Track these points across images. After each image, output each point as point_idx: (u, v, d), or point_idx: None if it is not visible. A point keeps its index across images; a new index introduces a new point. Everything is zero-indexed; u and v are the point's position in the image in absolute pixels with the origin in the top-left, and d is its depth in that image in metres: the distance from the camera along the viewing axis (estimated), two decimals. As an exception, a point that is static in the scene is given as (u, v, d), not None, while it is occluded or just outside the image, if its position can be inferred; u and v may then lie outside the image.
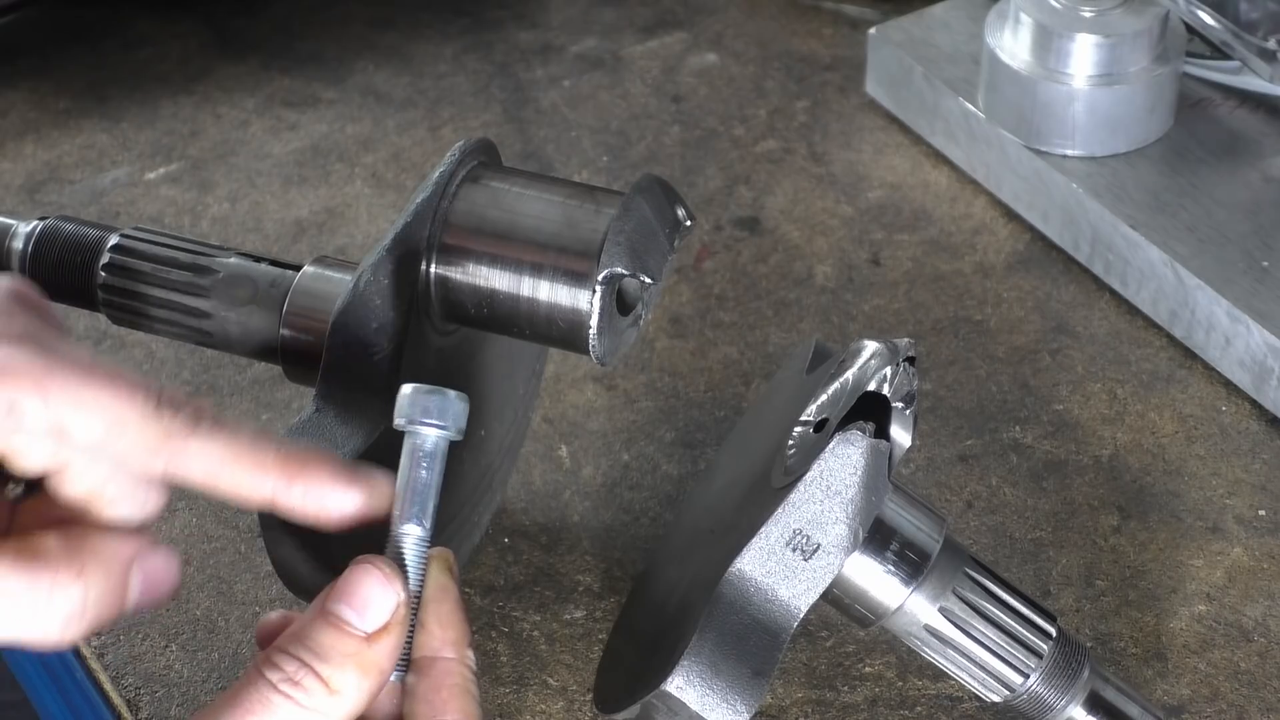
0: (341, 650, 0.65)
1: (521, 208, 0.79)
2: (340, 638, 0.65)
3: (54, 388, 0.66)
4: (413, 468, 0.67)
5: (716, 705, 0.71)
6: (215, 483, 0.67)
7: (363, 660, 0.65)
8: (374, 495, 0.68)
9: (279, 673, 0.64)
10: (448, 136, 1.18)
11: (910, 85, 1.15)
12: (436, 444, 0.68)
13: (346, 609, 0.66)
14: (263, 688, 0.64)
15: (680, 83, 1.22)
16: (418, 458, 0.67)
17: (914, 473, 0.96)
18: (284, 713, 0.64)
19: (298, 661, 0.64)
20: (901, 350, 0.74)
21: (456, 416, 0.68)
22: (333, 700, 0.64)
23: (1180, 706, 0.86)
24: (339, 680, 0.65)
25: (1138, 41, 1.06)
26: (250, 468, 0.67)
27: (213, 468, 0.67)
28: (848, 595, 0.76)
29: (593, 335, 0.77)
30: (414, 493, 0.67)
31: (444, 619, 0.68)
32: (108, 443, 0.67)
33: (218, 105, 1.21)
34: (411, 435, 0.68)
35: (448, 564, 0.68)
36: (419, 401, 0.67)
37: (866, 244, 1.10)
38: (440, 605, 0.68)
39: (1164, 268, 1.02)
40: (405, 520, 0.67)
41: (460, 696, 0.67)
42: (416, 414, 0.67)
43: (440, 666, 0.67)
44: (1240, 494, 0.95)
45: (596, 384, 1.01)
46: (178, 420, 0.67)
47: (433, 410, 0.67)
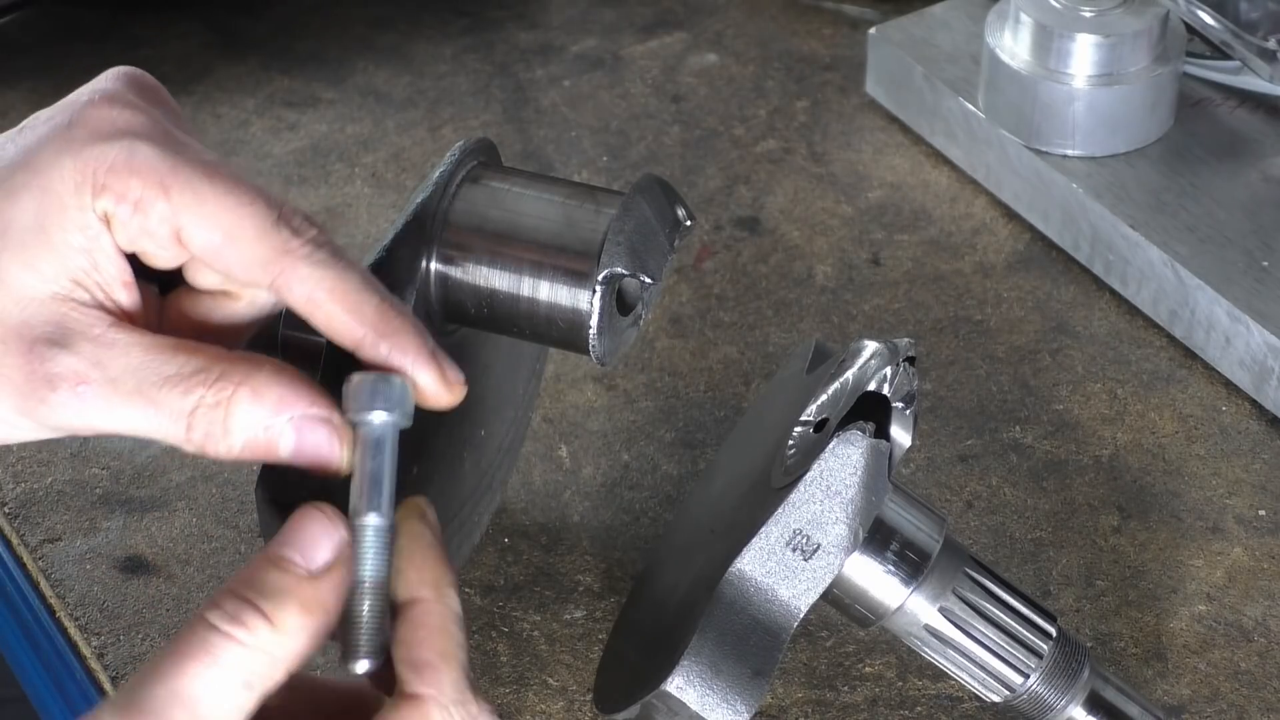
0: (283, 586, 0.63)
1: (521, 208, 0.79)
2: (282, 575, 0.63)
3: (176, 188, 0.66)
4: (364, 457, 0.66)
5: (716, 705, 0.71)
6: (311, 311, 0.67)
7: (305, 596, 0.63)
8: (451, 388, 0.68)
9: (219, 612, 0.62)
10: (448, 136, 1.18)
11: (910, 85, 1.15)
12: (385, 430, 0.67)
13: (289, 549, 0.64)
14: (203, 631, 0.62)
15: (680, 83, 1.22)
16: (368, 446, 0.67)
17: (914, 473, 0.96)
18: (227, 655, 0.62)
19: (239, 599, 0.62)
20: (901, 350, 0.74)
21: (402, 401, 0.67)
22: (276, 637, 0.62)
23: (1180, 706, 0.86)
24: (282, 616, 0.62)
25: (1138, 41, 1.06)
26: (350, 312, 0.67)
27: (315, 296, 0.67)
28: (848, 595, 0.76)
29: (593, 335, 0.77)
30: (368, 482, 0.66)
31: (418, 561, 0.66)
32: (223, 250, 0.67)
33: (218, 105, 1.21)
34: (360, 425, 0.67)
35: (420, 510, 0.67)
36: (364, 390, 0.67)
37: (866, 244, 1.10)
38: (413, 549, 0.66)
39: (1164, 268, 1.02)
40: (363, 511, 0.66)
41: (438, 635, 0.65)
42: (363, 403, 0.67)
43: (418, 607, 0.65)
44: (1240, 494, 0.95)
45: (596, 384, 1.01)
46: (295, 240, 0.67)
47: (379, 397, 0.66)
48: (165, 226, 0.67)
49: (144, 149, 0.67)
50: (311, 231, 0.67)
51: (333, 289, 0.67)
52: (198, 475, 0.96)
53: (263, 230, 0.67)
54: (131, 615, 0.90)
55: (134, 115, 0.68)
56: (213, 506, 0.95)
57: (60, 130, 0.68)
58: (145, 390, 0.66)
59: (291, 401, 0.66)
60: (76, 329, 0.67)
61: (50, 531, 0.94)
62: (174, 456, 0.97)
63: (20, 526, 0.94)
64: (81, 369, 0.66)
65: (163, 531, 0.94)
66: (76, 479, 0.96)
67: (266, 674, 0.62)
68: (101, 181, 0.66)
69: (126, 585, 0.91)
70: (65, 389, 0.66)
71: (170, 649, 0.62)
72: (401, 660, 0.65)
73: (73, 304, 0.67)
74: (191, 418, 0.66)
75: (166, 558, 0.92)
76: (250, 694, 0.62)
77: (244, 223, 0.67)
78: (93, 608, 0.90)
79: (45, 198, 0.67)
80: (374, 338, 0.67)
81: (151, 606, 0.90)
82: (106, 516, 0.94)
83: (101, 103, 0.69)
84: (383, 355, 0.68)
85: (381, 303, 0.68)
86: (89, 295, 0.68)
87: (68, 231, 0.67)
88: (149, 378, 0.66)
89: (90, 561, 0.92)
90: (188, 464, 0.97)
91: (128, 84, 0.71)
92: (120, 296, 0.68)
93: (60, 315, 0.67)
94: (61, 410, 0.67)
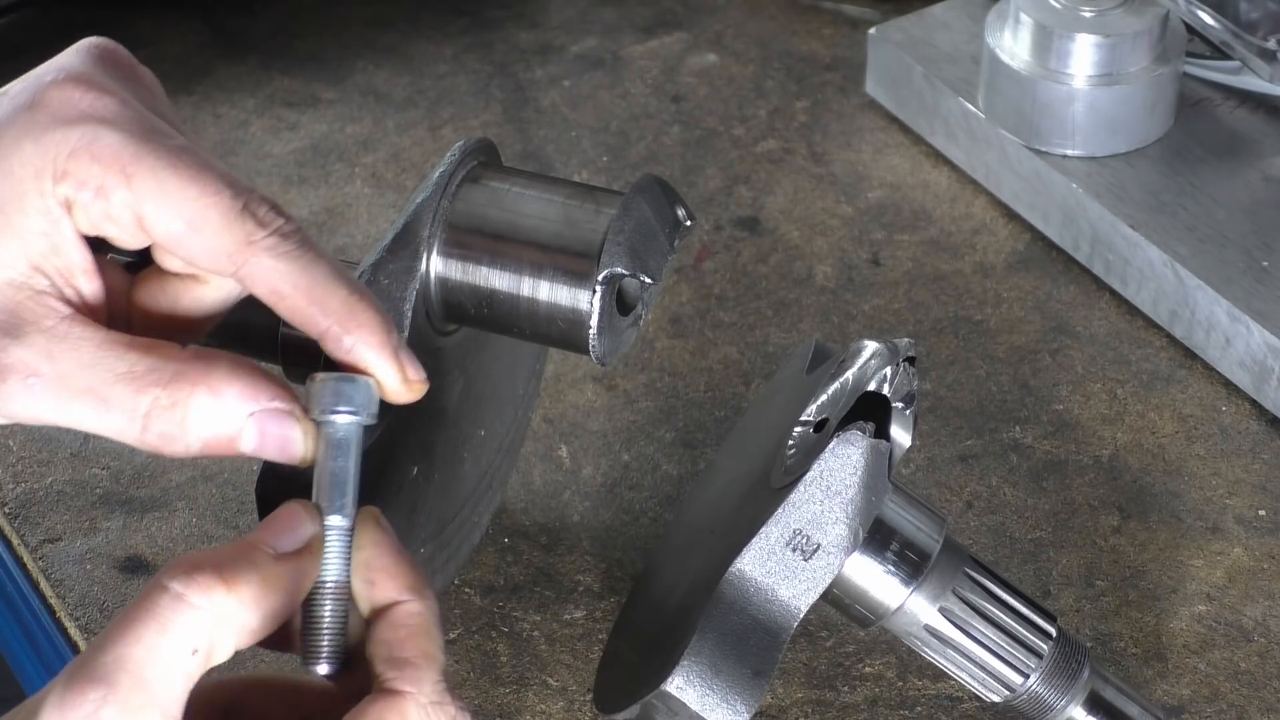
0: (248, 558, 0.62)
1: (521, 208, 0.79)
2: (249, 550, 0.63)
3: (139, 176, 0.65)
4: (328, 458, 0.66)
5: (716, 705, 0.71)
6: (275, 303, 0.66)
7: (267, 573, 0.62)
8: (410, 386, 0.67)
9: (174, 571, 0.61)
10: (448, 136, 1.18)
11: (910, 85, 1.15)
12: (349, 431, 0.66)
13: (261, 533, 0.64)
14: (156, 594, 0.61)
15: (680, 83, 1.22)
16: (332, 447, 0.66)
17: (914, 473, 0.96)
18: (175, 618, 0.60)
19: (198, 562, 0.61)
20: (901, 350, 0.74)
21: (366, 401, 0.66)
22: (231, 601, 0.61)
23: (1180, 706, 0.86)
24: (239, 585, 0.61)
25: (1138, 41, 1.06)
26: (314, 304, 0.66)
27: (279, 288, 0.66)
28: (848, 595, 0.76)
29: (593, 335, 0.77)
30: (332, 483, 0.66)
31: (388, 568, 0.66)
32: (185, 239, 0.66)
33: (218, 105, 1.21)
34: (324, 425, 0.66)
35: (375, 518, 0.67)
36: (327, 390, 0.66)
37: (866, 244, 1.10)
38: (380, 557, 0.66)
39: (1164, 268, 1.02)
40: (326, 512, 0.66)
41: (418, 636, 0.65)
42: (326, 403, 0.66)
43: (397, 609, 0.65)
44: (1240, 494, 0.95)
45: (596, 384, 1.01)
46: (259, 231, 0.66)
47: (341, 397, 0.66)
48: (127, 212, 0.65)
49: (107, 135, 0.65)
50: (277, 222, 0.66)
51: (296, 282, 0.66)
52: (198, 475, 0.96)
53: (227, 220, 0.65)
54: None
55: (99, 98, 0.67)
56: (213, 506, 0.95)
57: (22, 112, 0.66)
58: (96, 388, 0.65)
59: (251, 397, 0.66)
60: (30, 319, 0.66)
61: (50, 531, 0.94)
62: (174, 456, 0.97)
63: (20, 526, 0.94)
64: (32, 362, 0.65)
65: (163, 531, 0.94)
66: (76, 479, 0.96)
67: (216, 641, 0.61)
68: (62, 167, 0.65)
69: (126, 585, 0.91)
70: (15, 380, 0.65)
71: (124, 614, 0.61)
72: (382, 659, 0.64)
73: (30, 291, 0.66)
74: (147, 418, 0.65)
75: (166, 558, 0.92)
76: (197, 659, 0.61)
77: (208, 212, 0.65)
78: (93, 608, 0.90)
79: (5, 182, 0.66)
80: (337, 331, 0.66)
81: (151, 606, 0.90)
82: (106, 516, 0.94)
83: (66, 83, 0.67)
84: (345, 348, 0.67)
85: (349, 296, 0.67)
86: (48, 282, 0.66)
87: (28, 216, 0.66)
88: (101, 375, 0.65)
89: (90, 561, 0.92)
90: (188, 464, 0.97)
91: (96, 60, 0.69)
92: (81, 284, 0.67)
93: (15, 304, 0.66)
94: (11, 401, 0.66)
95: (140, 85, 0.70)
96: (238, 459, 0.97)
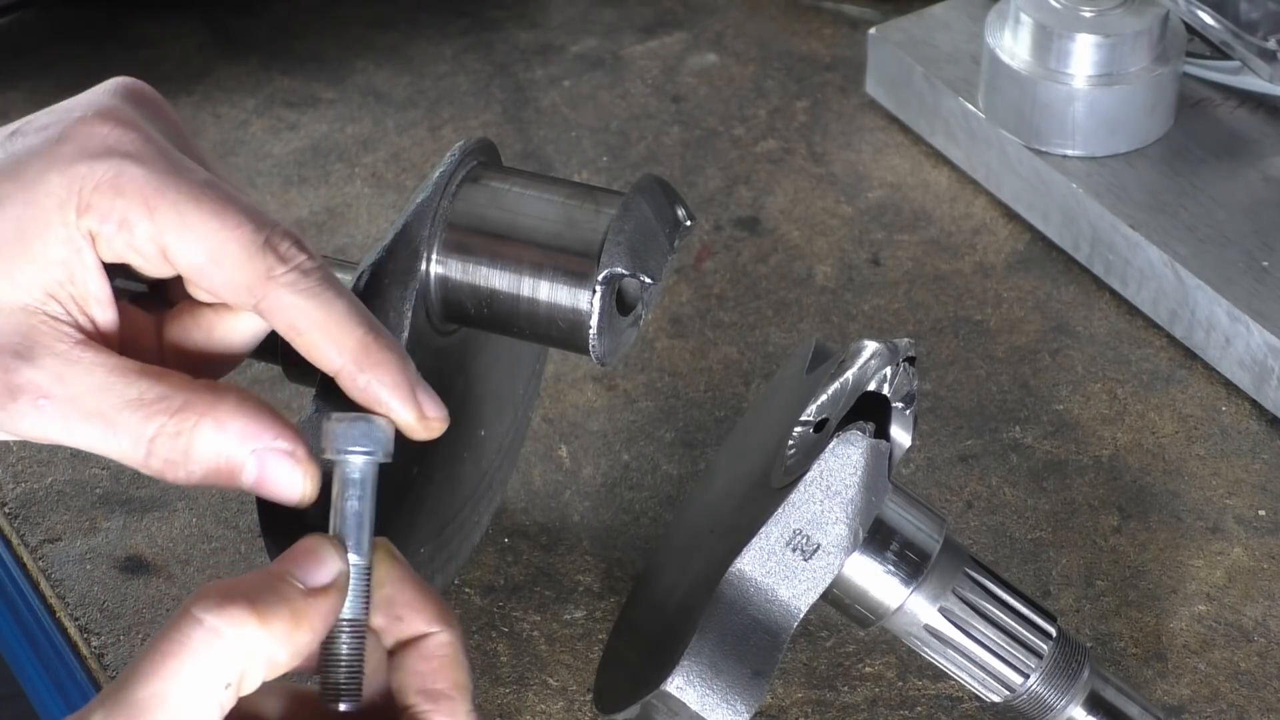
0: (277, 592, 0.63)
1: (521, 208, 0.79)
2: (278, 584, 0.63)
3: (161, 209, 0.66)
4: (343, 498, 0.66)
5: (716, 705, 0.71)
6: (294, 338, 0.67)
7: (296, 608, 0.63)
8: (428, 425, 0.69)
9: (205, 603, 0.61)
10: (448, 136, 1.18)
11: (910, 85, 1.15)
12: (364, 470, 0.66)
13: (289, 565, 0.64)
14: (186, 625, 0.61)
15: (680, 83, 1.22)
16: (347, 486, 0.66)
17: (914, 473, 0.96)
18: (208, 651, 0.61)
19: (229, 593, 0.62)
20: (901, 350, 0.74)
21: (381, 440, 0.67)
22: (262, 634, 0.62)
23: (1180, 706, 0.86)
24: (270, 618, 0.62)
25: (1138, 41, 1.06)
26: (330, 341, 0.67)
27: (296, 324, 0.67)
28: (848, 595, 0.76)
29: (593, 335, 0.77)
30: (346, 522, 0.66)
31: (413, 602, 0.66)
32: (207, 271, 0.67)
33: (218, 105, 1.21)
34: (339, 465, 0.66)
35: (390, 551, 0.67)
36: (341, 431, 0.66)
37: (866, 244, 1.10)
38: (404, 592, 0.67)
39: (1164, 268, 1.02)
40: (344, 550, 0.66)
41: (450, 666, 0.66)
42: (340, 444, 0.66)
43: (428, 640, 0.66)
44: (1240, 494, 0.95)
45: (596, 384, 1.01)
46: (280, 266, 0.67)
47: (356, 436, 0.66)
48: (151, 244, 0.67)
49: (131, 169, 0.67)
50: (299, 258, 0.67)
51: (314, 319, 0.67)
52: (198, 475, 0.96)
53: (247, 254, 0.67)
54: (131, 615, 0.90)
55: (125, 133, 0.68)
56: (213, 506, 0.95)
57: (50, 144, 0.68)
58: (105, 412, 0.66)
59: (255, 433, 0.67)
60: (43, 342, 0.67)
61: (50, 531, 0.94)
62: (174, 456, 0.97)
63: (20, 526, 0.94)
64: (43, 383, 0.66)
65: (163, 531, 0.94)
66: (76, 479, 0.96)
67: (246, 673, 0.62)
68: (87, 200, 0.66)
69: (126, 585, 0.91)
70: (26, 400, 0.67)
71: (154, 643, 0.61)
72: (414, 690, 0.66)
73: (43, 317, 0.67)
74: (152, 444, 0.66)
75: (166, 558, 0.92)
76: (229, 692, 0.62)
77: (228, 246, 0.66)
78: (93, 608, 0.90)
79: (29, 211, 0.67)
80: (353, 369, 0.68)
81: (151, 606, 0.90)
82: (106, 516, 0.94)
83: (94, 119, 0.68)
84: (360, 387, 0.68)
85: (365, 335, 0.68)
86: (61, 309, 0.67)
87: (49, 244, 0.67)
88: (110, 400, 0.66)
89: (90, 561, 0.92)
90: (188, 464, 0.97)
91: (125, 97, 0.70)
92: (95, 312, 0.68)
93: (29, 327, 0.67)
94: (21, 420, 0.67)
95: (166, 121, 0.71)
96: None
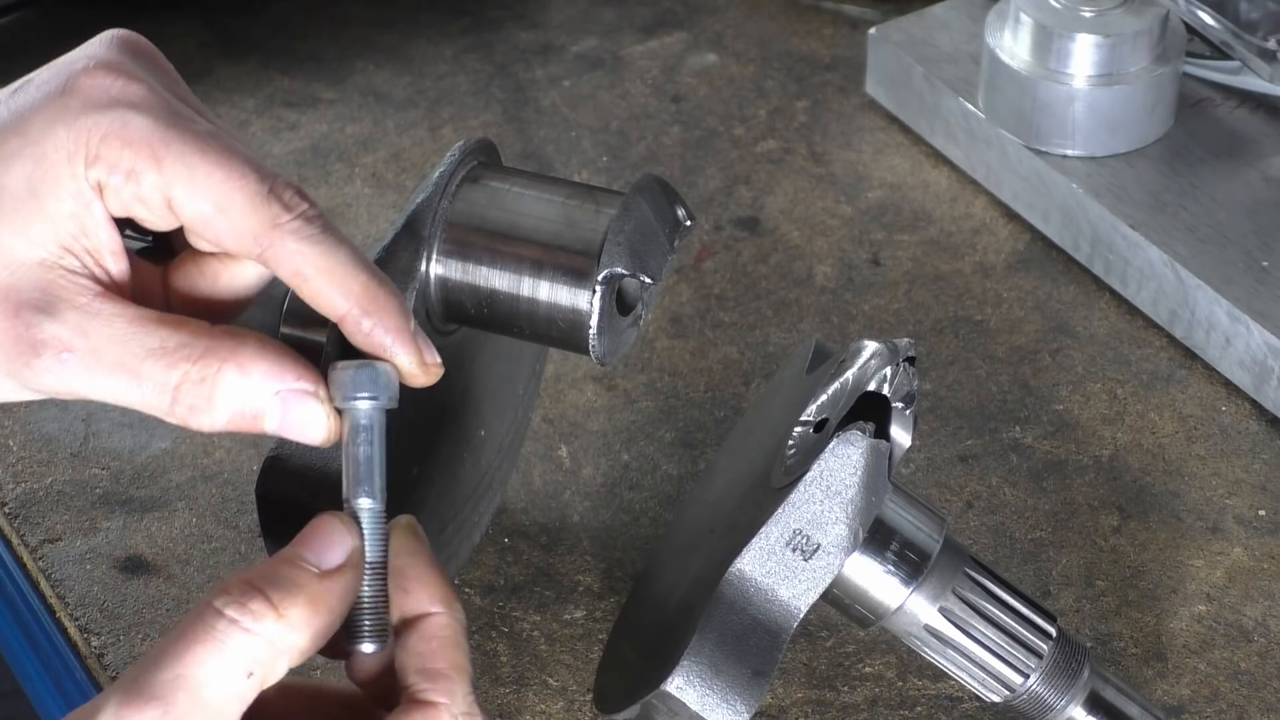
0: (293, 580, 0.64)
1: (521, 208, 0.79)
2: (293, 570, 0.64)
3: (168, 159, 0.66)
4: (354, 444, 0.67)
5: (716, 705, 0.71)
6: (299, 285, 0.68)
7: (313, 592, 0.64)
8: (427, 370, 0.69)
9: (227, 598, 0.63)
10: (448, 136, 1.18)
11: (910, 85, 1.15)
12: (371, 416, 0.68)
13: (303, 549, 0.65)
14: (210, 617, 0.62)
15: (680, 83, 1.22)
16: (357, 432, 0.67)
17: (914, 473, 0.96)
18: (231, 641, 0.62)
19: (248, 586, 0.63)
20: (901, 350, 0.74)
21: (387, 386, 0.68)
22: (281, 626, 0.63)
23: (1180, 706, 0.86)
24: (289, 608, 0.63)
25: (1138, 41, 1.06)
26: (335, 286, 0.67)
27: (302, 270, 0.67)
28: (848, 595, 0.76)
29: (593, 335, 0.77)
30: (359, 467, 0.67)
31: (422, 578, 0.67)
32: (212, 221, 0.67)
33: (218, 105, 1.21)
34: (348, 412, 0.68)
35: (413, 528, 0.68)
36: (349, 377, 0.67)
37: (866, 244, 1.10)
38: (415, 567, 0.67)
39: (1164, 268, 1.02)
40: (356, 495, 0.67)
41: (450, 648, 0.66)
42: (348, 390, 0.67)
43: (429, 620, 0.67)
44: (1240, 494, 0.95)
45: (596, 384, 1.01)
46: (284, 214, 0.67)
47: (363, 383, 0.67)
48: (157, 195, 0.67)
49: (137, 119, 0.67)
50: (302, 206, 0.68)
51: (319, 264, 0.67)
52: (198, 475, 0.96)
53: (253, 204, 0.67)
54: (131, 615, 0.90)
55: (129, 84, 0.68)
56: (213, 506, 0.95)
57: (55, 97, 0.68)
58: (128, 362, 0.67)
59: (277, 375, 0.67)
60: (63, 296, 0.67)
61: (50, 531, 0.94)
62: (174, 456, 0.97)
63: (20, 526, 0.94)
64: (66, 336, 0.67)
65: (163, 531, 0.94)
66: (76, 479, 0.96)
67: (269, 663, 0.63)
68: (95, 151, 0.67)
69: (126, 585, 0.91)
70: (49, 355, 0.67)
71: (175, 633, 0.62)
72: (414, 669, 0.66)
73: (61, 270, 0.67)
74: (176, 391, 0.67)
75: (166, 558, 0.92)
76: (251, 682, 0.62)
77: (234, 195, 0.67)
78: (93, 608, 0.90)
79: (38, 165, 0.67)
80: (358, 313, 0.68)
81: (151, 606, 0.90)
82: (106, 516, 0.94)
83: (97, 70, 0.68)
84: (365, 331, 0.68)
85: (369, 280, 0.68)
86: (78, 262, 0.68)
87: (60, 199, 0.67)
88: (133, 350, 0.67)
89: (90, 561, 0.92)
90: (188, 464, 0.97)
91: (123, 49, 0.70)
92: (109, 264, 0.68)
93: (48, 282, 0.67)
94: (45, 375, 0.67)
95: (163, 72, 0.72)
96: (238, 459, 0.97)
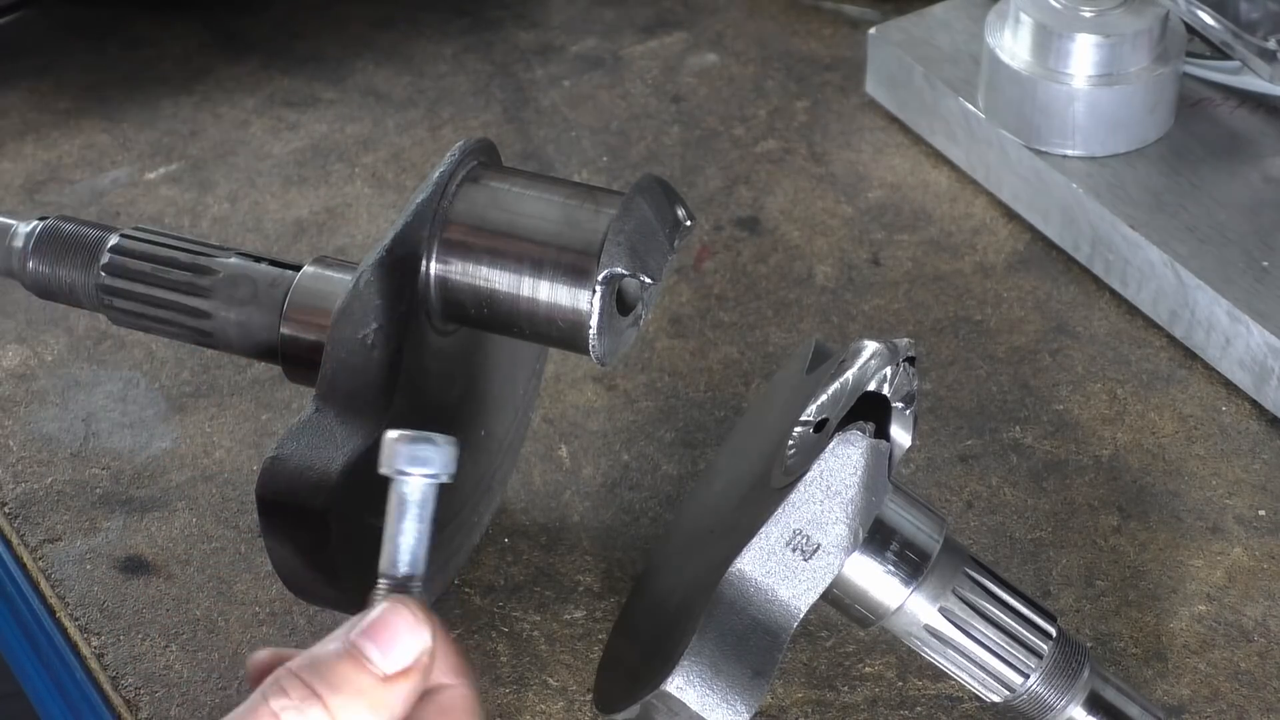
0: (356, 684, 0.62)
1: (521, 208, 0.79)
2: (357, 672, 0.63)
3: None
4: (402, 518, 0.65)
5: (716, 705, 0.71)
6: None
7: (375, 699, 0.63)
8: None
9: (284, 699, 0.62)
10: (448, 136, 1.18)
11: (910, 85, 1.15)
12: (426, 492, 0.65)
13: (370, 645, 0.63)
14: (264, 716, 0.61)
15: (680, 83, 1.22)
16: (408, 506, 0.65)
17: (914, 473, 0.96)
18: None
19: (308, 689, 0.62)
20: (901, 350, 0.74)
21: (446, 462, 0.65)
22: None
23: (1180, 706, 0.86)
24: (346, 715, 0.62)
25: (1138, 41, 1.06)
26: None
27: None
28: (848, 595, 0.76)
29: (593, 335, 0.77)
30: (407, 542, 0.65)
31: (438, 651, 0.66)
32: None
33: (218, 105, 1.21)
34: (398, 483, 0.65)
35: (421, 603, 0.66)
36: (404, 450, 0.64)
37: (866, 244, 1.10)
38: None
39: (1164, 268, 1.02)
40: (397, 571, 0.65)
41: (465, 717, 0.66)
42: (402, 463, 0.64)
43: (446, 692, 0.66)
44: (1240, 494, 0.95)
45: (596, 384, 1.01)
46: None
47: (420, 459, 0.64)
48: None
49: None
50: None
51: None
52: (198, 475, 0.96)
53: None
54: (131, 615, 0.90)
55: None
56: (213, 506, 0.95)
57: None
58: None
59: None
60: None
61: (50, 531, 0.94)
62: (174, 456, 0.97)
63: (20, 526, 0.94)
64: None
65: (163, 531, 0.94)
66: (76, 479, 0.96)
67: None
68: None
69: (126, 585, 0.91)
70: None
71: None
72: None
73: None
74: None
75: (166, 558, 0.92)
76: None
77: None
78: (93, 608, 0.90)
79: None
80: None
81: (151, 607, 0.90)
82: (106, 516, 0.94)
83: None
84: None
85: None
86: None
87: None
88: None
89: (90, 561, 0.92)
90: (188, 464, 0.97)
91: None
92: None
93: None
94: None
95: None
96: (238, 459, 0.97)
